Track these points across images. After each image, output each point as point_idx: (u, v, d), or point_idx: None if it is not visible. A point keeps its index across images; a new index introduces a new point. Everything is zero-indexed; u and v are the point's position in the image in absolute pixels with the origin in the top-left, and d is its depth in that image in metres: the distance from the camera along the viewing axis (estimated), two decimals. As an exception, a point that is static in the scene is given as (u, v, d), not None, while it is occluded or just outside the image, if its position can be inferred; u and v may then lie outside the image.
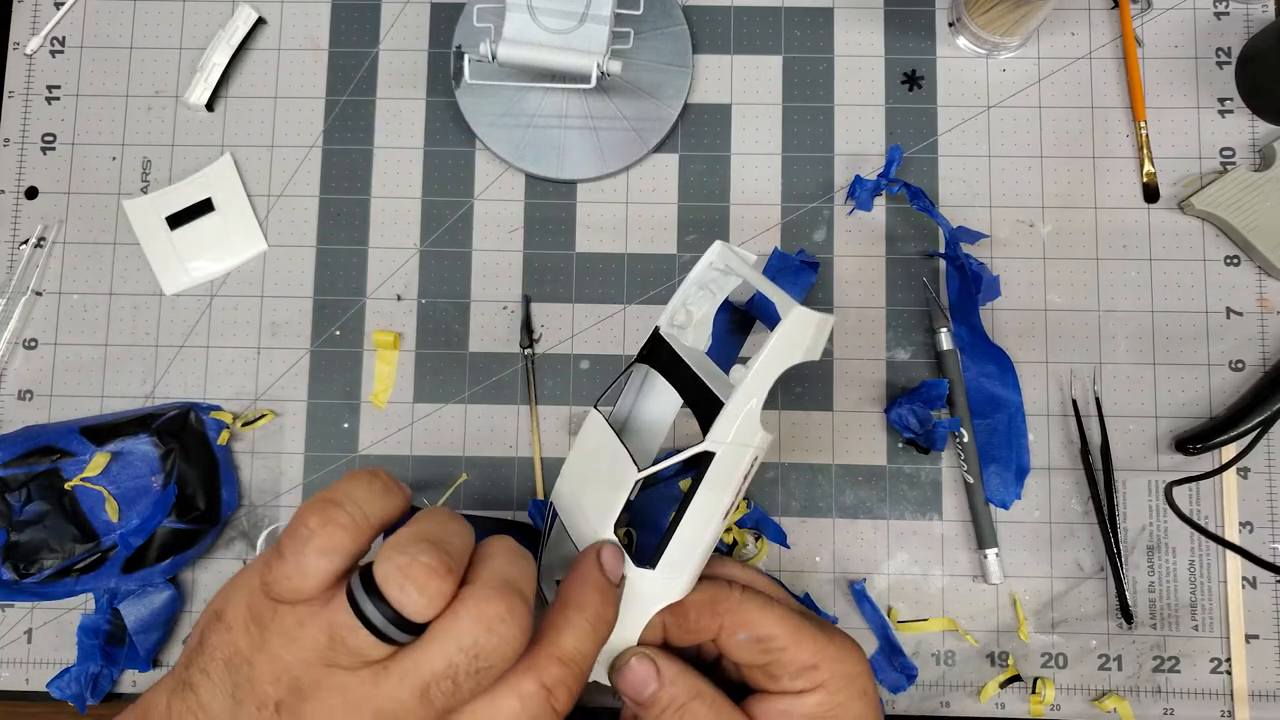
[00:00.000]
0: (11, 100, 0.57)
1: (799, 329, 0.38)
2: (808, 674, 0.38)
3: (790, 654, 0.38)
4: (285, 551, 0.31)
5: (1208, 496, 0.52)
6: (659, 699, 0.37)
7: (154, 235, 0.56)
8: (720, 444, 0.37)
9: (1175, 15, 0.56)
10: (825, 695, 0.38)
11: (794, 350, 0.38)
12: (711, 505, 0.38)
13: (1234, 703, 0.51)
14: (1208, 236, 0.54)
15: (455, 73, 0.56)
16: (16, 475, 0.51)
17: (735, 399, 0.37)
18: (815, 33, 0.56)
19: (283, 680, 0.31)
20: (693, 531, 0.38)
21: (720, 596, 0.39)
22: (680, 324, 0.43)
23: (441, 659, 0.30)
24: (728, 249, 0.42)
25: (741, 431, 0.38)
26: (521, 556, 0.34)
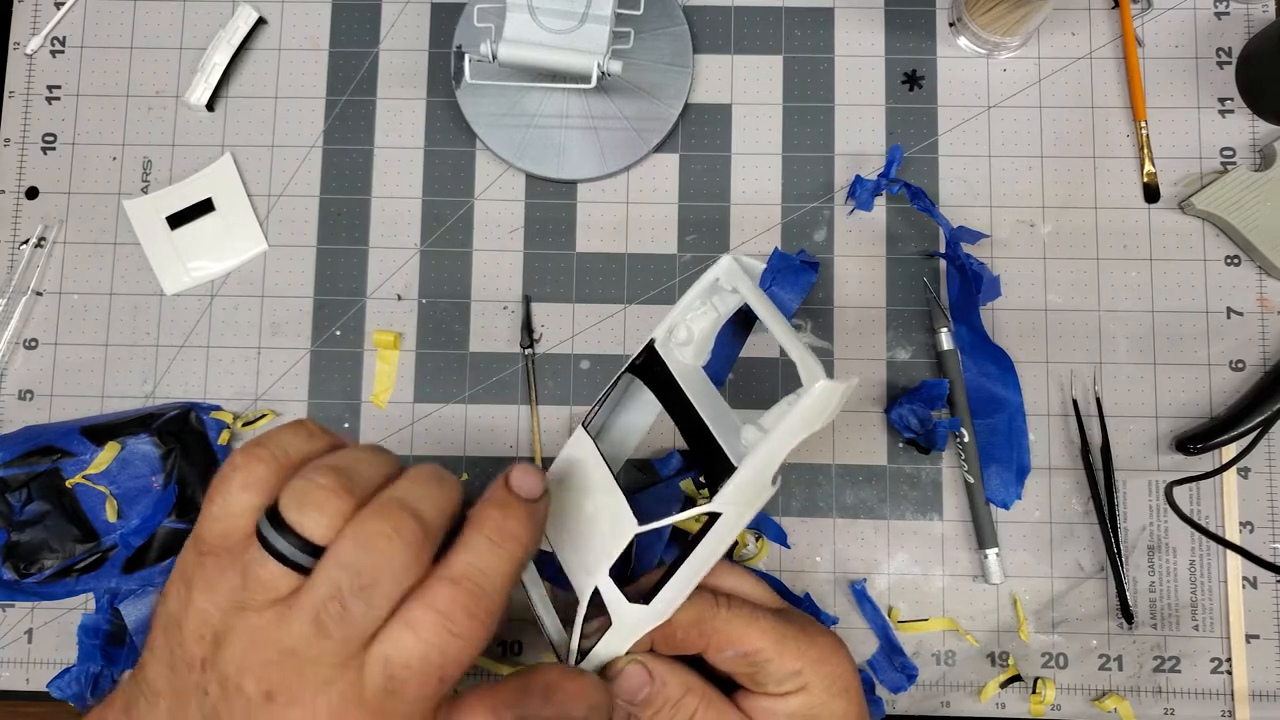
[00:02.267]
0: (12, 100, 0.57)
1: (824, 401, 0.37)
2: (792, 679, 0.38)
3: (775, 664, 0.38)
4: (212, 495, 0.32)
5: (1208, 496, 0.52)
6: (653, 699, 0.38)
7: (154, 235, 0.56)
8: (728, 505, 0.37)
9: (1175, 15, 0.56)
10: (809, 696, 0.38)
11: (816, 420, 0.37)
12: (711, 553, 0.39)
13: (1234, 703, 0.51)
14: (1208, 236, 0.54)
15: (455, 73, 0.56)
16: (17, 475, 0.51)
17: (747, 465, 0.37)
18: (815, 33, 0.56)
19: (206, 635, 0.30)
20: (690, 574, 0.38)
21: (706, 615, 0.39)
22: (681, 341, 0.42)
23: (325, 581, 0.30)
24: (737, 265, 0.41)
25: (749, 492, 0.38)
26: (435, 479, 0.33)
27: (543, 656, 0.52)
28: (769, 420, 0.37)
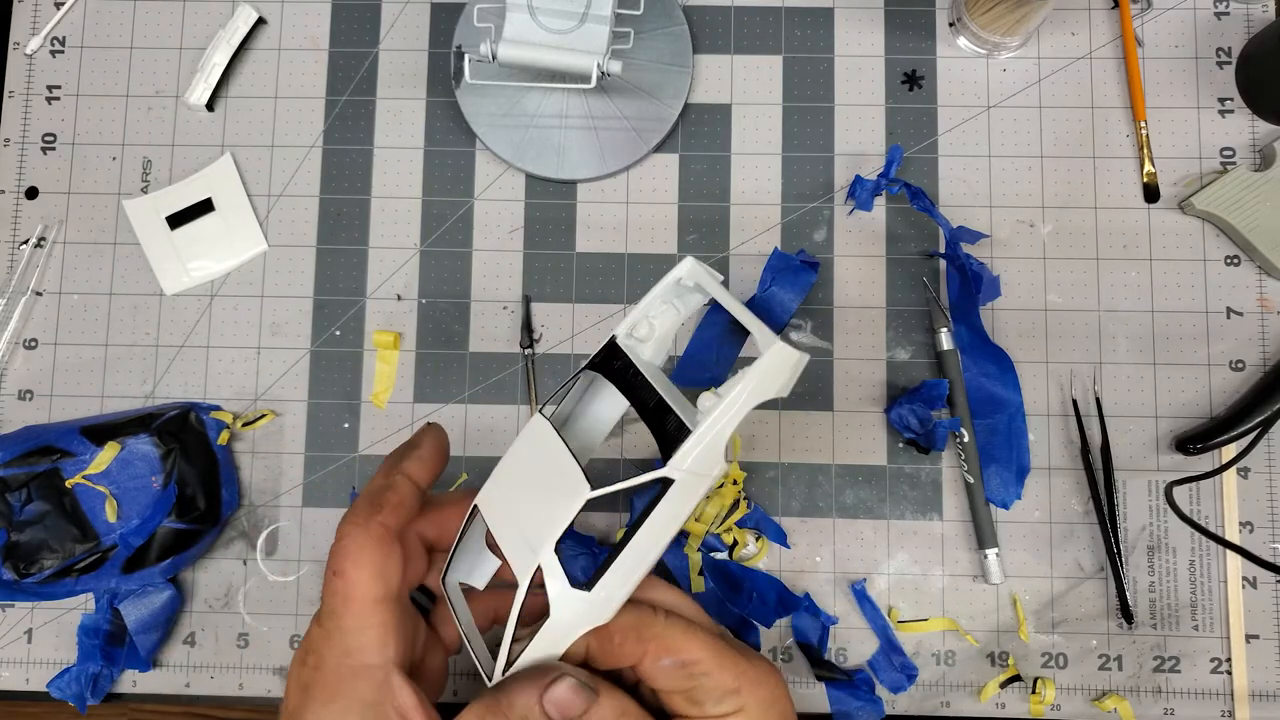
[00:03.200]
0: (11, 100, 0.57)
1: (778, 364, 0.37)
2: (730, 698, 0.37)
3: (713, 678, 0.37)
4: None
5: (1208, 496, 0.52)
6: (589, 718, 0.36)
7: (154, 235, 0.56)
8: (680, 471, 0.36)
9: (1175, 15, 0.56)
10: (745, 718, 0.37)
11: (770, 385, 0.37)
12: (659, 533, 0.37)
13: (1234, 703, 0.51)
14: (1208, 236, 0.54)
15: (455, 73, 0.56)
16: (16, 475, 0.51)
17: (704, 428, 0.36)
18: (815, 33, 0.56)
19: None
20: (635, 558, 0.37)
21: (645, 622, 0.38)
22: (641, 337, 0.41)
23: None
24: (699, 266, 0.41)
25: (703, 461, 0.36)
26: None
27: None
28: (725, 388, 0.37)
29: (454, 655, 0.42)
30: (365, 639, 0.35)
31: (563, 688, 0.34)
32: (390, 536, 0.36)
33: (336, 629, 0.35)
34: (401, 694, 0.35)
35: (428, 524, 0.40)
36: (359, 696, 0.35)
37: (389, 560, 0.36)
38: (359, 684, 0.35)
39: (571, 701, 0.34)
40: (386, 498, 0.37)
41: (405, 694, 0.35)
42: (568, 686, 0.34)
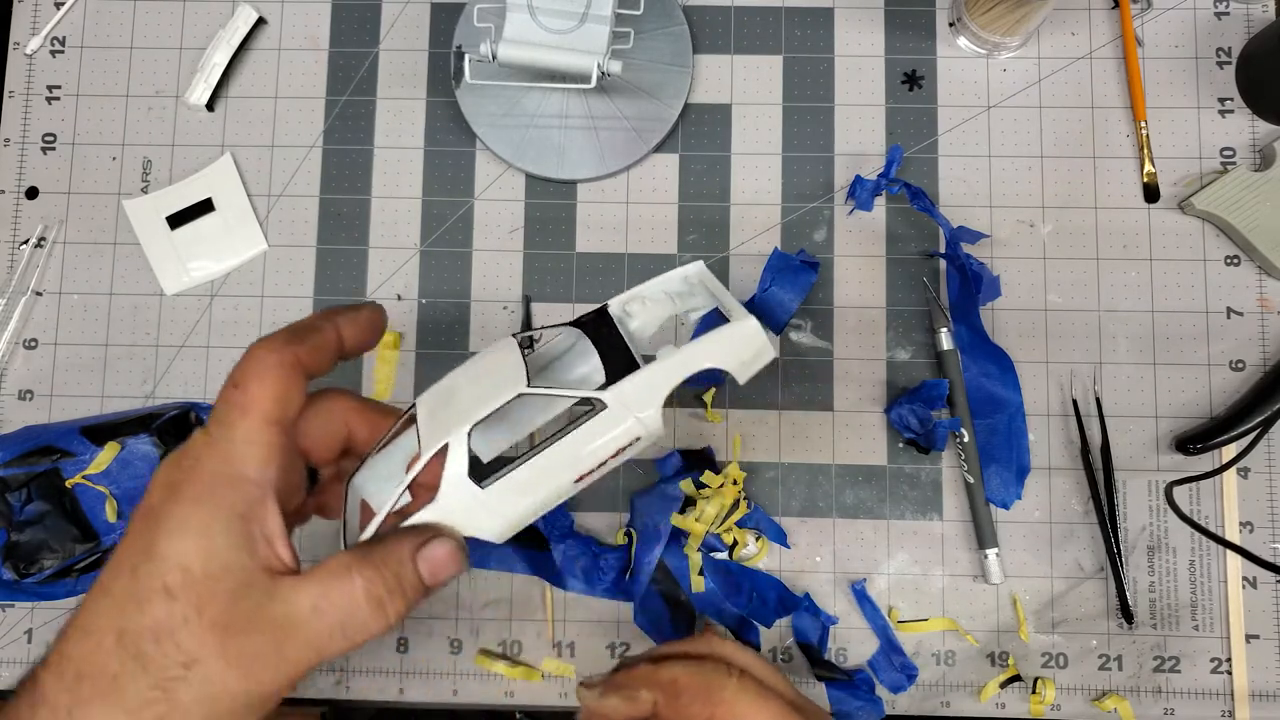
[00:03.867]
0: (11, 100, 0.57)
1: (743, 339, 0.36)
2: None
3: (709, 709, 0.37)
4: None
5: (1208, 496, 0.52)
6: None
7: (154, 235, 0.56)
8: (613, 398, 0.35)
9: (1175, 15, 0.56)
10: None
11: (727, 355, 0.36)
12: (568, 455, 0.35)
13: (1234, 703, 0.51)
14: (1208, 236, 0.54)
15: (455, 73, 0.56)
16: (16, 475, 0.51)
17: (651, 368, 0.35)
18: (815, 33, 0.56)
19: None
20: (535, 472, 0.35)
21: (717, 684, 0.37)
22: (631, 313, 0.41)
23: None
24: (708, 272, 0.40)
25: (638, 397, 0.35)
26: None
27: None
28: (686, 345, 0.36)
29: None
30: (250, 452, 0.33)
31: (439, 546, 0.33)
32: (299, 370, 0.35)
33: (224, 437, 0.33)
34: (272, 519, 0.33)
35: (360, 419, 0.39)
36: (230, 504, 0.32)
37: (292, 391, 0.34)
38: (232, 493, 0.32)
39: (445, 562, 0.33)
40: (306, 334, 0.36)
41: (275, 519, 0.33)
42: (446, 546, 0.33)
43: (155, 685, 0.30)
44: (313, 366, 0.35)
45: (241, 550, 0.32)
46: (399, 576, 0.32)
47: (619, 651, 0.52)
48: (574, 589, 0.52)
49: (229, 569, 0.31)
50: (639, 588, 0.51)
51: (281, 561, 0.33)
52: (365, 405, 0.39)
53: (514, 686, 0.52)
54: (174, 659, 0.30)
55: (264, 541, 0.33)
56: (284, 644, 0.31)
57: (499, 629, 0.53)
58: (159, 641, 0.31)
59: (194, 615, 0.31)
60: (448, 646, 0.53)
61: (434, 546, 0.33)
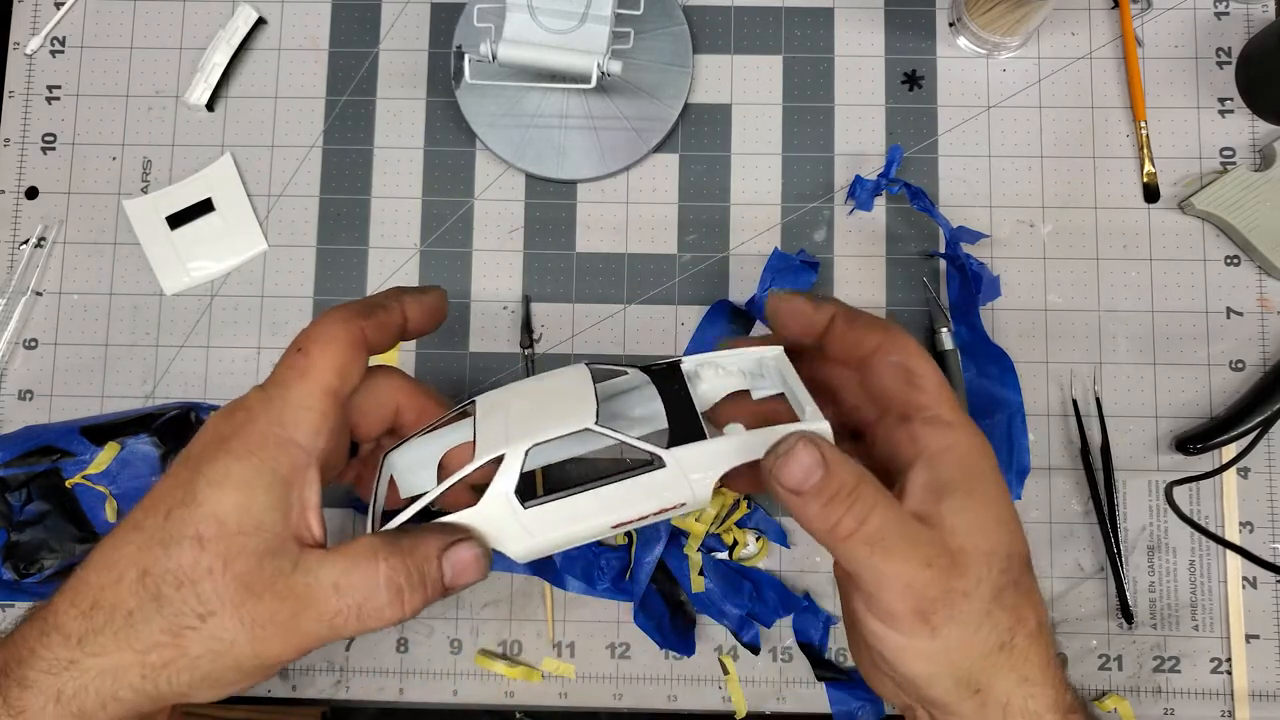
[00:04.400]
0: (11, 100, 0.57)
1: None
2: (944, 430, 0.34)
3: (932, 399, 0.35)
4: None
5: (1208, 496, 0.52)
6: (825, 485, 0.32)
7: (154, 235, 0.56)
8: (674, 463, 0.35)
9: (1175, 15, 0.56)
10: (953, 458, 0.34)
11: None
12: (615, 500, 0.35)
13: (1234, 703, 0.51)
14: (1208, 236, 0.54)
15: (455, 73, 0.56)
16: (16, 475, 0.51)
17: (719, 443, 0.35)
18: (815, 33, 0.56)
19: None
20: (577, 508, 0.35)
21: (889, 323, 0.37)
22: (701, 376, 0.40)
23: None
24: (786, 360, 0.39)
25: (697, 468, 0.35)
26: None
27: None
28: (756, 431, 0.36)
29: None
30: (304, 418, 0.33)
31: (467, 550, 0.33)
32: (364, 344, 0.35)
33: (280, 398, 0.33)
34: (312, 489, 0.33)
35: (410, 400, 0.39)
36: (274, 465, 0.32)
37: (352, 364, 0.35)
38: (280, 454, 0.33)
39: (469, 567, 0.33)
40: (376, 311, 0.36)
41: (314, 489, 0.33)
42: (472, 552, 0.33)
43: (168, 630, 0.31)
44: (376, 342, 0.36)
45: (277, 512, 0.32)
46: (422, 571, 0.32)
47: (619, 651, 0.52)
48: (574, 589, 0.52)
49: (261, 528, 0.31)
50: (639, 588, 0.51)
51: (311, 533, 0.33)
52: (416, 388, 0.39)
53: (514, 686, 0.52)
54: (192, 607, 0.31)
55: (299, 509, 0.33)
56: (300, 615, 0.31)
57: (499, 629, 0.53)
58: (180, 588, 0.31)
59: (219, 568, 0.31)
60: (448, 646, 0.53)
61: (461, 549, 0.33)
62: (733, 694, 0.52)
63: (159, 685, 0.31)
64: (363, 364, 0.35)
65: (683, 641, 0.51)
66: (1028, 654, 0.33)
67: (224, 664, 0.31)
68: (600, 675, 0.52)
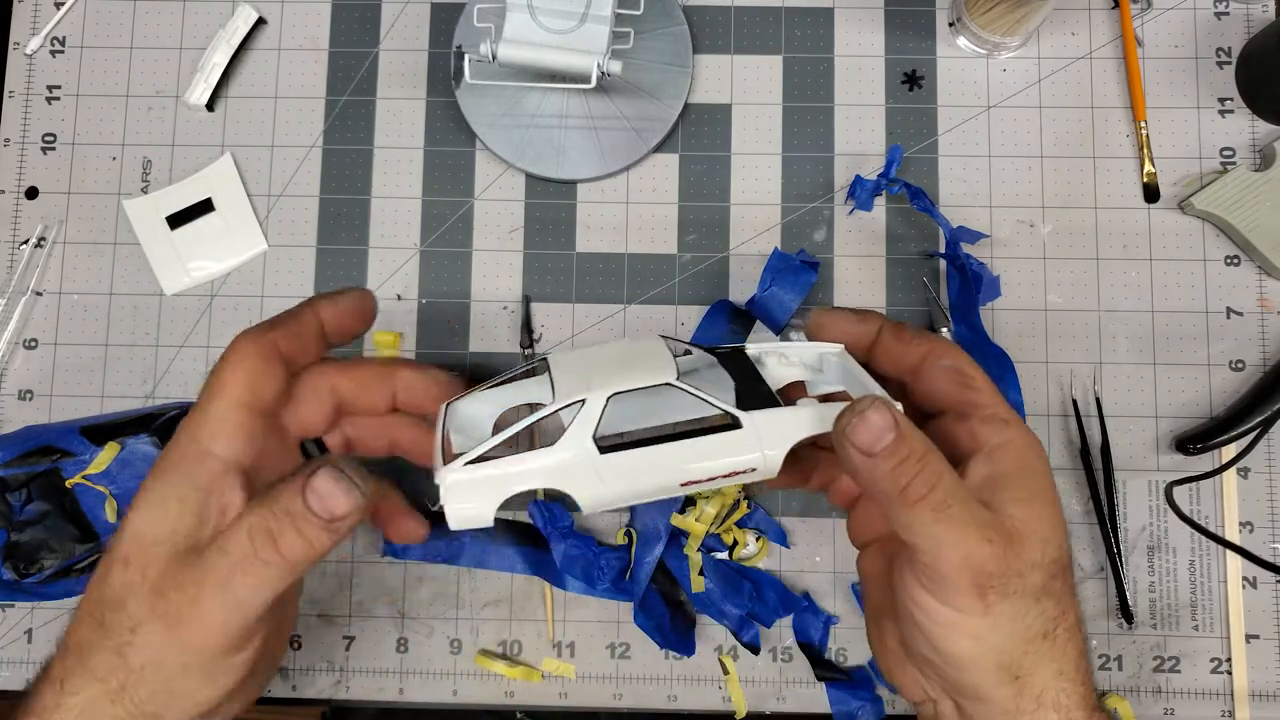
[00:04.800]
0: (11, 100, 0.57)
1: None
2: (1001, 428, 0.36)
3: (987, 398, 0.36)
4: None
5: (1208, 496, 0.52)
6: (897, 448, 0.33)
7: (154, 235, 0.56)
8: (750, 424, 0.35)
9: (1175, 15, 0.56)
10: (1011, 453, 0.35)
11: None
12: (686, 458, 0.35)
13: (1234, 703, 0.51)
14: (1208, 236, 0.54)
15: (455, 73, 0.56)
16: (16, 475, 0.51)
17: (796, 411, 0.35)
18: (815, 33, 0.56)
19: None
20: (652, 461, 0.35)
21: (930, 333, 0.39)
22: (764, 363, 0.40)
23: None
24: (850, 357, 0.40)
25: (771, 435, 0.35)
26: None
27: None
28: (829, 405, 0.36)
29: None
30: (216, 429, 0.35)
31: (324, 477, 0.33)
32: (274, 354, 0.37)
33: (196, 417, 0.36)
34: (233, 492, 0.35)
35: (344, 378, 0.40)
36: (191, 478, 0.34)
37: (266, 374, 0.37)
38: (196, 466, 0.35)
39: (332, 493, 0.33)
40: (285, 321, 0.38)
41: (235, 493, 0.35)
42: (329, 476, 0.33)
43: (114, 650, 0.33)
44: (292, 353, 0.38)
45: (191, 518, 0.34)
46: (288, 510, 0.33)
47: (619, 651, 0.52)
48: (574, 589, 0.52)
49: (174, 534, 0.33)
50: (639, 588, 0.51)
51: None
52: (348, 366, 0.40)
53: (514, 686, 0.52)
54: (125, 624, 0.33)
55: (218, 512, 0.34)
56: (200, 596, 0.32)
57: (499, 629, 0.53)
58: (116, 609, 0.33)
59: (139, 581, 0.33)
60: (448, 646, 0.53)
61: (317, 478, 0.33)
62: (733, 694, 0.52)
63: (129, 710, 0.33)
64: (276, 374, 0.37)
65: (683, 641, 0.51)
66: (1065, 648, 0.34)
67: (165, 672, 0.33)
68: (600, 675, 0.52)
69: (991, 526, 0.33)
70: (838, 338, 0.40)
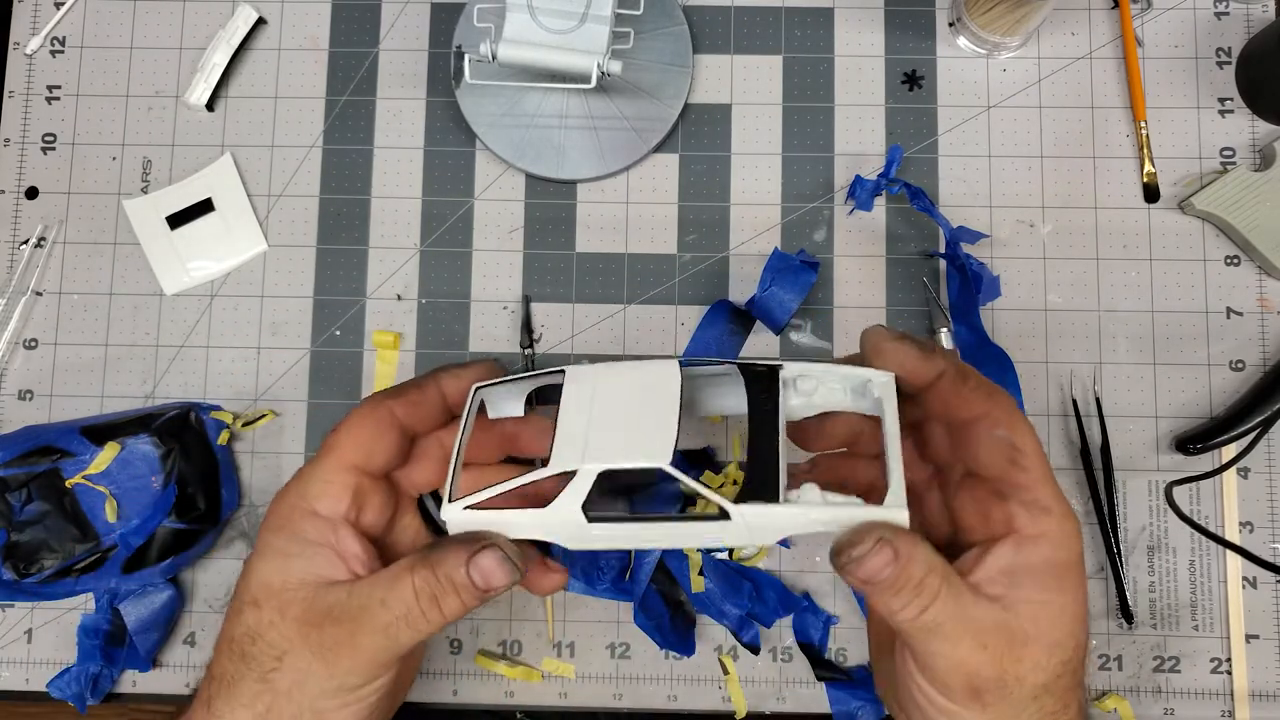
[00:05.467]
0: (11, 100, 0.57)
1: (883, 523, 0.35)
2: (1041, 515, 0.34)
3: (1032, 478, 0.35)
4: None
5: (1208, 496, 0.52)
6: (896, 580, 0.33)
7: (154, 235, 0.56)
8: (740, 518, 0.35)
9: (1175, 15, 0.56)
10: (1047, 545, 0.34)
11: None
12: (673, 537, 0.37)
13: (1234, 703, 0.51)
14: (1208, 236, 0.54)
15: (455, 73, 0.56)
16: (16, 475, 0.51)
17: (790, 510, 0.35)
18: (815, 33, 0.56)
19: None
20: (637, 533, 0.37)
21: (999, 390, 0.36)
22: (800, 388, 0.39)
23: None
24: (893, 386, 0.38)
25: (762, 527, 0.35)
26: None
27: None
28: (834, 498, 0.35)
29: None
30: (323, 490, 0.38)
31: (489, 557, 0.36)
32: (391, 421, 0.39)
33: (306, 475, 0.39)
34: (347, 541, 0.38)
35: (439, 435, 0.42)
36: (303, 533, 0.38)
37: (380, 440, 0.39)
38: (305, 524, 0.38)
39: (494, 571, 0.36)
40: (407, 391, 0.40)
41: (351, 542, 0.38)
42: (494, 557, 0.36)
43: (259, 679, 0.36)
44: (410, 421, 0.40)
45: (313, 568, 0.37)
46: (451, 579, 0.36)
47: (619, 651, 0.52)
48: (574, 589, 0.52)
49: (305, 581, 0.37)
50: (639, 588, 0.51)
51: (356, 574, 0.38)
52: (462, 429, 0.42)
53: (514, 686, 0.52)
54: (269, 654, 0.36)
55: (340, 559, 0.38)
56: (357, 632, 0.36)
57: (499, 629, 0.53)
58: (254, 642, 0.37)
59: (278, 618, 0.36)
60: (448, 646, 0.53)
61: (482, 557, 0.36)
62: (733, 694, 0.52)
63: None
64: (390, 440, 0.39)
65: (683, 641, 0.51)
66: None
67: (310, 692, 0.36)
68: (600, 675, 0.52)
69: (990, 631, 0.33)
70: (894, 368, 0.37)
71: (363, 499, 0.39)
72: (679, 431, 0.36)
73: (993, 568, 0.34)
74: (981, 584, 0.34)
